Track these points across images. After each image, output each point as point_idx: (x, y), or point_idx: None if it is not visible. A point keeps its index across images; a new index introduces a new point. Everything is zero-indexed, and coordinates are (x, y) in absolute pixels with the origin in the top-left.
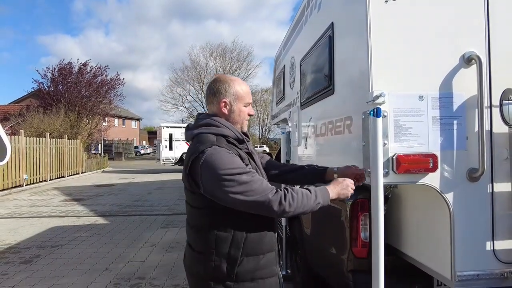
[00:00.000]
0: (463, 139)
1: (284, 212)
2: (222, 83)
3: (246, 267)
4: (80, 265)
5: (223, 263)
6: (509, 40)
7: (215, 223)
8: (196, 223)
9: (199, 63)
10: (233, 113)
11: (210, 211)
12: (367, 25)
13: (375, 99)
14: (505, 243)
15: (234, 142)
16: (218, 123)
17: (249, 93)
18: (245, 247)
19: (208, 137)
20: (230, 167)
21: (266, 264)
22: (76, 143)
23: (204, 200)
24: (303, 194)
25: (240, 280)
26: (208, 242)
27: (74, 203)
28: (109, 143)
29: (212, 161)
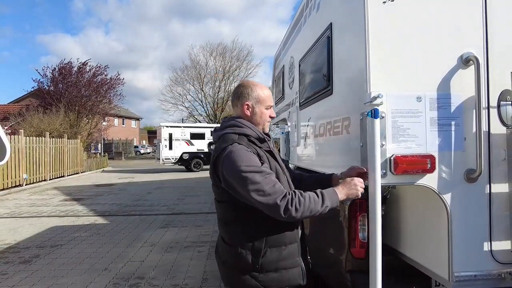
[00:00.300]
0: (461, 140)
1: (290, 217)
2: (245, 88)
3: (270, 258)
4: (79, 265)
5: (248, 254)
6: (507, 41)
7: (240, 216)
8: (223, 217)
9: (199, 62)
10: (255, 115)
11: (234, 205)
12: (365, 26)
13: (373, 100)
14: (502, 244)
15: (255, 141)
16: (241, 123)
17: (270, 97)
18: (268, 239)
19: (231, 136)
20: (246, 164)
21: (289, 255)
22: (75, 143)
23: (227, 195)
24: (310, 198)
25: (265, 270)
26: (235, 234)
27: (74, 202)
28: (109, 143)
29: (231, 157)
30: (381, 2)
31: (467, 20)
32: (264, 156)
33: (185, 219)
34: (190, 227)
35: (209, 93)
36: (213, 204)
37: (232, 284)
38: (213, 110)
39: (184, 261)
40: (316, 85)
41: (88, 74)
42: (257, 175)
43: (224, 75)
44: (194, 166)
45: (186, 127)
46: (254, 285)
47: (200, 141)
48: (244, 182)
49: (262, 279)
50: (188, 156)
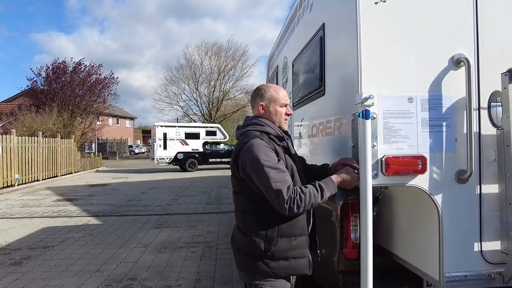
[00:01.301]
0: (452, 141)
1: (292, 214)
2: (259, 90)
3: (281, 246)
4: (71, 266)
5: (261, 242)
6: (498, 43)
7: (255, 207)
8: (240, 207)
9: (194, 62)
10: (270, 114)
11: (250, 196)
12: (356, 27)
13: (364, 101)
14: (492, 244)
15: (274, 139)
16: (262, 122)
17: (285, 96)
18: (280, 229)
19: (253, 132)
20: (264, 158)
21: (298, 245)
22: (69, 143)
23: (245, 186)
24: (310, 194)
25: (276, 258)
26: (250, 224)
27: (67, 203)
28: (103, 142)
29: (252, 149)
30: (373, 2)
31: (458, 21)
32: (281, 153)
33: (179, 219)
34: (184, 227)
35: (204, 92)
36: (207, 205)
37: (245, 269)
38: (208, 109)
39: (177, 262)
40: (309, 85)
41: (82, 73)
42: (272, 170)
43: (219, 75)
44: (189, 166)
45: (180, 126)
46: (265, 270)
47: (195, 141)
48: (259, 173)
49: (273, 266)
50: (182, 156)
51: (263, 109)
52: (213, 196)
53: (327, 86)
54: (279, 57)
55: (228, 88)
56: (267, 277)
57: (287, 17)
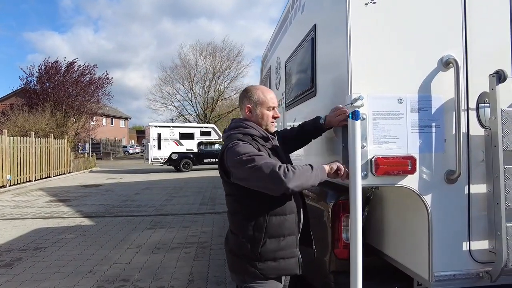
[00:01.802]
0: (441, 141)
1: (287, 186)
2: (247, 92)
3: (269, 247)
4: (63, 267)
5: (248, 243)
6: (485, 44)
7: (243, 208)
8: (230, 208)
9: (188, 61)
10: (256, 116)
11: (239, 197)
12: (347, 28)
13: (353, 102)
14: (480, 244)
15: (258, 139)
16: (246, 124)
17: (273, 98)
18: (268, 230)
19: (235, 135)
20: (244, 152)
21: (287, 245)
22: (62, 143)
23: (234, 188)
24: (303, 168)
25: (264, 259)
26: (239, 224)
27: (60, 204)
28: (97, 143)
29: (233, 150)
30: (363, 4)
31: (447, 23)
32: (264, 151)
33: (173, 220)
34: (178, 228)
35: (199, 92)
36: (201, 205)
37: (236, 270)
38: (203, 109)
39: (170, 263)
40: (301, 86)
41: (76, 73)
42: (255, 157)
43: (214, 75)
44: (183, 167)
45: (175, 127)
46: (254, 272)
47: (189, 141)
48: (244, 165)
49: (261, 267)
50: (177, 156)
51: (250, 111)
52: (207, 197)
53: (318, 86)
54: (272, 57)
55: (223, 88)
56: (257, 278)
57: (280, 18)
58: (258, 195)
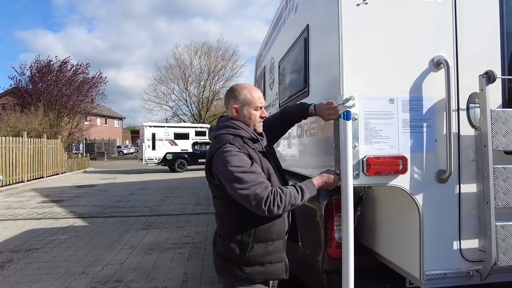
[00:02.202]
0: (432, 141)
1: (272, 214)
2: (233, 91)
3: (257, 252)
4: (55, 269)
5: (236, 248)
6: (475, 45)
7: (231, 212)
8: (218, 211)
9: (183, 61)
10: (244, 117)
11: (226, 201)
12: (339, 28)
13: (345, 102)
14: (470, 243)
15: (248, 142)
16: (235, 125)
17: (260, 98)
18: (256, 234)
19: (225, 136)
20: (236, 165)
21: (274, 250)
22: (56, 143)
23: (221, 191)
24: (291, 195)
25: (251, 263)
26: (226, 228)
27: (53, 204)
28: (91, 143)
29: (223, 157)
30: (354, 4)
31: (438, 24)
32: (256, 157)
33: (167, 220)
34: (172, 228)
35: (194, 92)
36: (195, 205)
37: (223, 273)
38: (198, 109)
39: (164, 263)
40: (294, 86)
41: (69, 72)
42: (246, 175)
43: (209, 75)
44: (178, 167)
45: (169, 127)
46: (240, 276)
47: (184, 141)
48: (232, 182)
49: (248, 272)
50: (171, 157)
51: (237, 112)
52: (202, 197)
53: (311, 86)
54: (267, 57)
55: (218, 88)
56: (244, 282)
57: (274, 18)
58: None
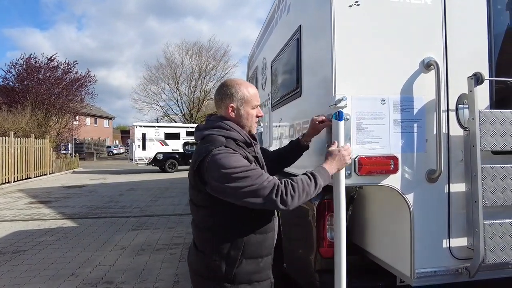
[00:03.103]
0: (423, 141)
1: (288, 206)
2: (229, 88)
3: (246, 269)
4: (43, 271)
5: (222, 263)
6: (465, 47)
7: (218, 223)
8: (200, 223)
9: (174, 61)
10: (241, 117)
11: (213, 210)
12: (331, 29)
13: (337, 102)
14: (459, 241)
15: (242, 145)
16: (229, 126)
17: (257, 95)
18: (246, 250)
19: (218, 138)
20: (235, 166)
21: (264, 267)
22: (44, 143)
23: (208, 200)
24: (303, 183)
25: (238, 281)
26: (210, 241)
27: (40, 205)
28: (80, 143)
29: (219, 161)
30: (347, 6)
31: (428, 26)
32: (252, 161)
33: (158, 221)
34: (163, 229)
35: (185, 92)
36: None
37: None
38: (189, 109)
39: (155, 264)
40: (286, 86)
41: (57, 71)
42: (247, 173)
43: (200, 74)
44: (169, 167)
45: (160, 126)
46: None
47: (175, 141)
48: (234, 182)
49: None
50: (162, 157)
51: (233, 111)
52: None
53: (303, 87)
54: (259, 57)
55: (209, 88)
56: None
57: (266, 18)
58: (239, 210)
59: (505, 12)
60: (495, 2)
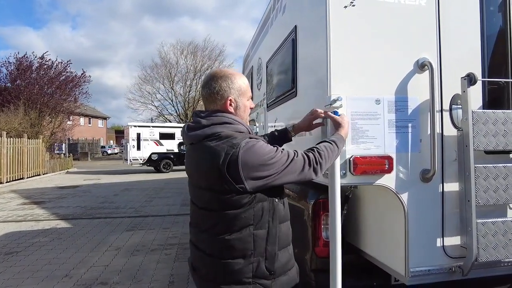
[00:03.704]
0: (417, 141)
1: (319, 173)
2: (223, 80)
3: (281, 260)
4: (37, 272)
5: (262, 262)
6: (458, 48)
7: (250, 222)
8: (228, 227)
9: (169, 61)
10: (239, 110)
11: (247, 209)
12: (326, 30)
13: (333, 102)
14: (453, 240)
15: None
16: (233, 119)
17: (249, 85)
18: (280, 240)
19: (232, 133)
20: (269, 151)
21: (292, 253)
22: (37, 143)
23: (241, 199)
24: (327, 148)
25: (277, 275)
26: (243, 245)
27: (34, 206)
28: (74, 143)
29: (254, 151)
30: (342, 6)
31: (422, 27)
32: None
33: (153, 221)
34: (158, 229)
35: (180, 92)
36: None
37: None
38: (184, 109)
39: (150, 265)
40: (282, 86)
41: (50, 70)
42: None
43: (195, 74)
44: (164, 167)
45: (155, 126)
46: None
47: (169, 141)
48: (276, 170)
49: (275, 287)
50: (157, 157)
51: (231, 104)
52: (188, 198)
53: (299, 87)
54: (254, 57)
55: None
56: None
57: (261, 18)
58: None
59: (497, 13)
60: (487, 3)
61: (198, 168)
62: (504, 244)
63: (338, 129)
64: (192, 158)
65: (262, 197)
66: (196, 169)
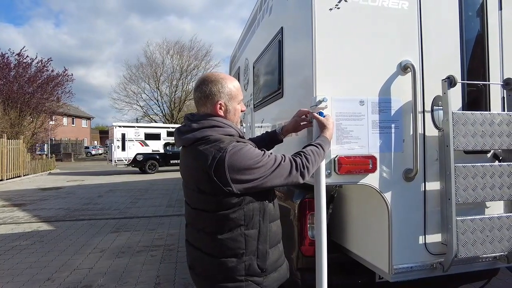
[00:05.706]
0: (400, 141)
1: (306, 177)
2: (214, 84)
3: (272, 258)
4: (17, 276)
5: (254, 261)
6: (439, 51)
7: (241, 222)
8: (220, 228)
9: (155, 60)
10: (229, 113)
11: (238, 209)
12: (312, 31)
13: (318, 103)
14: (434, 237)
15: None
16: (222, 123)
17: (240, 88)
18: (270, 238)
19: (221, 137)
20: (256, 154)
21: (282, 250)
22: (17, 143)
23: (231, 201)
24: (313, 153)
25: (268, 272)
26: (237, 244)
27: (14, 208)
28: (57, 143)
29: (240, 155)
30: (327, 9)
31: (405, 30)
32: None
33: (138, 223)
34: (143, 231)
35: (166, 92)
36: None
37: None
38: (170, 109)
39: (136, 266)
40: (268, 87)
41: (30, 68)
42: (267, 162)
43: (181, 74)
44: (149, 168)
45: (140, 127)
46: None
47: (155, 141)
48: (262, 174)
49: (266, 284)
50: (142, 158)
51: (221, 108)
52: (174, 199)
53: (285, 88)
54: (241, 58)
55: (190, 88)
56: None
57: (248, 19)
58: (263, 203)
59: (475, 18)
60: (466, 9)
61: (188, 170)
62: (482, 240)
63: (323, 130)
64: (184, 160)
65: (252, 198)
66: (187, 171)
